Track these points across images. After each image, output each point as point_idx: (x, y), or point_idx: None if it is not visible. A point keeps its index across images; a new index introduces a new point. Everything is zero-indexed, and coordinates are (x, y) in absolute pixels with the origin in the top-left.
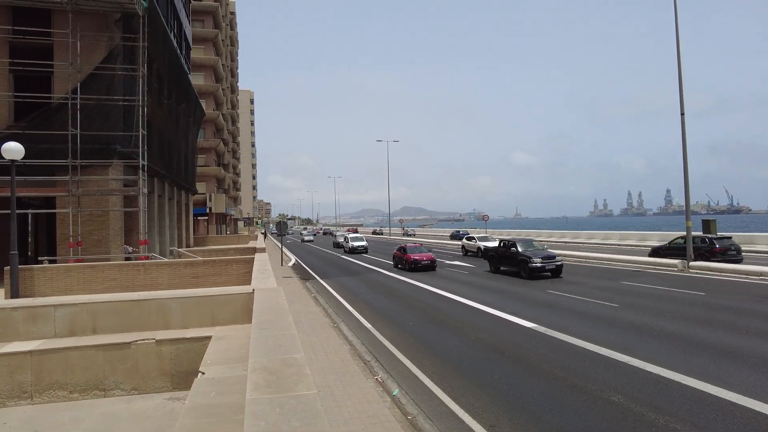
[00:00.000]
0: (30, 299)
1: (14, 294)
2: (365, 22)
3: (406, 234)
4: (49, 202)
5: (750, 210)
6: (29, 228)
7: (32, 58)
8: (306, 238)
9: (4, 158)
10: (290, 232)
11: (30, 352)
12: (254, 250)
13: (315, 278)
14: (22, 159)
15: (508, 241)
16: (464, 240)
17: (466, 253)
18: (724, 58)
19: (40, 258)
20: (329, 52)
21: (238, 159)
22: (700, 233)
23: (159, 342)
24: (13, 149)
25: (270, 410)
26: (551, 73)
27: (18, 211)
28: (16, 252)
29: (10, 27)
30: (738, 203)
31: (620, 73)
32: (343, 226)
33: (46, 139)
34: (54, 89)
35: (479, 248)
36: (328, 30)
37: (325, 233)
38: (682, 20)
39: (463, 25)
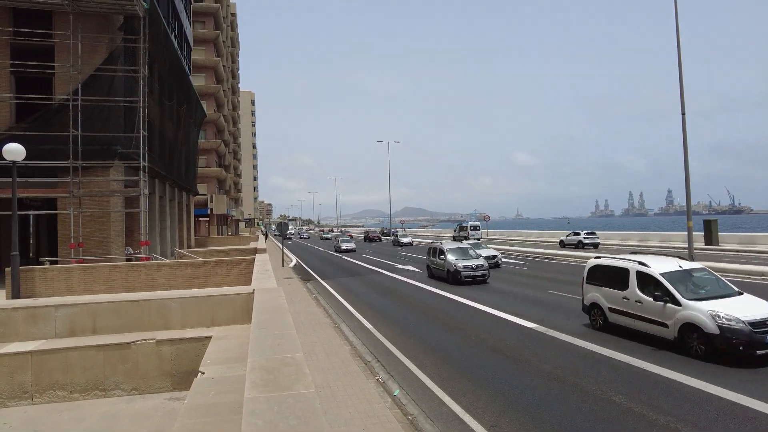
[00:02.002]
0: (30, 300)
1: (15, 295)
2: (366, 22)
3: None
4: (51, 203)
5: (751, 210)
6: (30, 229)
7: (33, 60)
8: (344, 245)
9: (5, 159)
10: (304, 234)
11: (30, 352)
12: (255, 251)
13: (316, 279)
14: (24, 160)
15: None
16: None
17: None
18: (730, 59)
19: (41, 259)
20: (330, 53)
21: (239, 160)
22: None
23: (159, 342)
24: (15, 150)
25: (267, 409)
26: (553, 72)
27: (19, 213)
28: (17, 253)
29: (11, 28)
30: (740, 203)
31: (623, 72)
32: (345, 226)
33: (48, 140)
34: (55, 90)
35: None
36: (328, 31)
37: (369, 238)
38: (688, 20)
39: (464, 25)
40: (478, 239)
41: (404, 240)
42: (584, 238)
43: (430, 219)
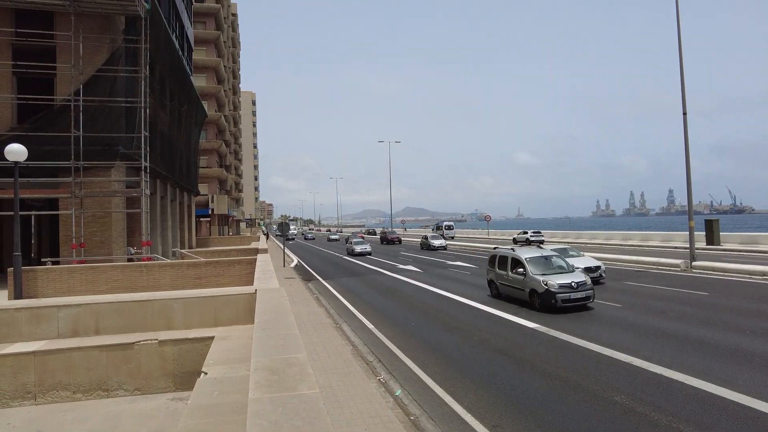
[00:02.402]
0: (33, 300)
1: (18, 295)
2: (367, 22)
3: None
4: (52, 203)
5: (753, 210)
6: (32, 229)
7: (35, 60)
8: (358, 248)
9: (7, 160)
10: (309, 235)
11: (33, 352)
12: (256, 251)
13: (317, 279)
14: (26, 161)
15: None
16: None
17: None
18: (730, 59)
19: (43, 259)
20: (331, 53)
21: (240, 160)
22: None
23: (162, 342)
24: (17, 151)
25: (272, 410)
26: (554, 72)
27: (21, 213)
28: (20, 253)
29: (13, 29)
30: (741, 203)
31: (624, 72)
32: (346, 227)
33: (49, 140)
34: (57, 91)
35: None
36: (330, 30)
37: (387, 240)
38: (689, 20)
39: (465, 24)
40: (452, 237)
41: (436, 243)
42: (530, 236)
43: (431, 219)
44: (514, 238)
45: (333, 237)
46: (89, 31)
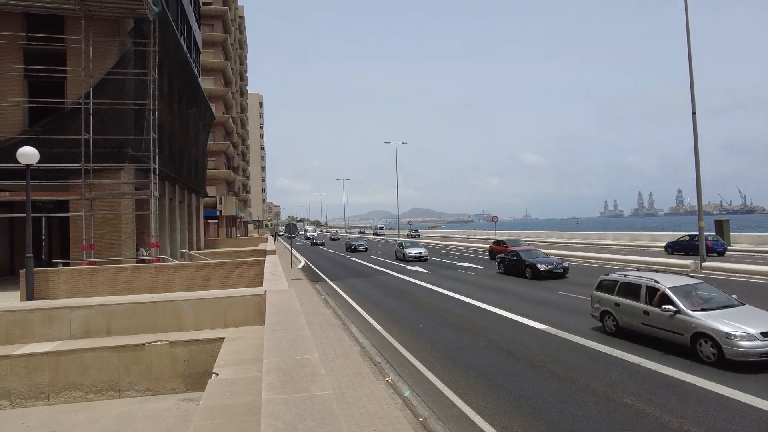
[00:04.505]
0: (46, 301)
1: (29, 296)
2: (372, 23)
3: None
4: (63, 205)
5: (764, 210)
6: (43, 231)
7: (46, 64)
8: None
9: (19, 162)
10: (357, 243)
11: (47, 353)
12: (264, 252)
13: (324, 280)
14: (37, 163)
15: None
16: None
17: None
18: (746, 55)
19: (54, 261)
20: (337, 54)
21: (247, 162)
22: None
23: (172, 343)
24: (28, 154)
25: (286, 410)
26: (562, 72)
27: (32, 215)
28: (31, 255)
29: (24, 34)
30: (752, 203)
31: (633, 71)
32: (353, 227)
33: (60, 143)
34: (67, 94)
35: None
36: (335, 32)
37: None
38: (701, 16)
39: (470, 24)
40: (383, 235)
41: (357, 244)
42: (411, 233)
43: (438, 220)
44: (375, 233)
45: (416, 252)
46: (99, 34)
